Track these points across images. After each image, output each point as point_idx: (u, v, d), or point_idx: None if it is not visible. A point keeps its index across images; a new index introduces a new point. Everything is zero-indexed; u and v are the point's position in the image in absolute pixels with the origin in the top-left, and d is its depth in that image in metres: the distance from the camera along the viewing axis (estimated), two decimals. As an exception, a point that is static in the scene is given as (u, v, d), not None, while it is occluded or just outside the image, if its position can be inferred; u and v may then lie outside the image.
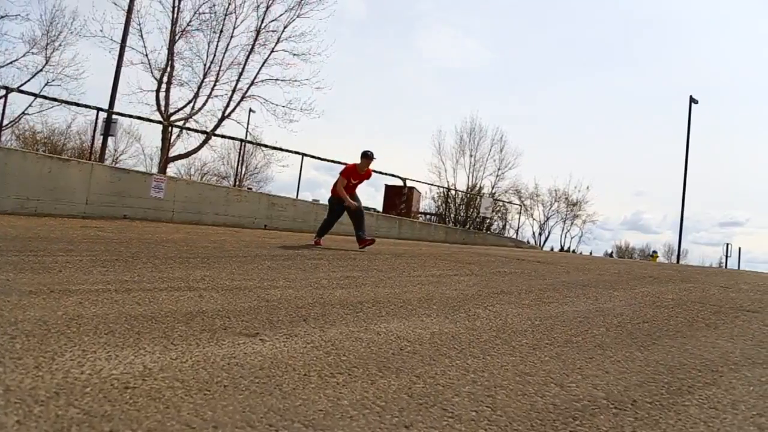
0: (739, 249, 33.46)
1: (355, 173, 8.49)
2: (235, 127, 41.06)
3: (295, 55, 20.44)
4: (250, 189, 26.81)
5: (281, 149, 17.17)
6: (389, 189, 20.90)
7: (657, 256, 45.38)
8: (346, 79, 79.19)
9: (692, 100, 28.46)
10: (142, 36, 18.37)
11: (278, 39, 20.24)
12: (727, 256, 32.70)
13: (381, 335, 2.63)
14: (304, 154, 15.03)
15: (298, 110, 20.44)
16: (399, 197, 19.59)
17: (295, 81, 20.50)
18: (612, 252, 58.65)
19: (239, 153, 25.59)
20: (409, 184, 19.66)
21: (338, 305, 3.32)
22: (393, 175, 18.43)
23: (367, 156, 8.45)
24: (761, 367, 2.54)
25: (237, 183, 27.83)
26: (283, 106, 20.39)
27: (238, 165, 30.42)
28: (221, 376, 1.81)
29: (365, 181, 8.83)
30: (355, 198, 8.65)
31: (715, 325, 3.62)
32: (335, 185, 8.52)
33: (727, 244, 30.34)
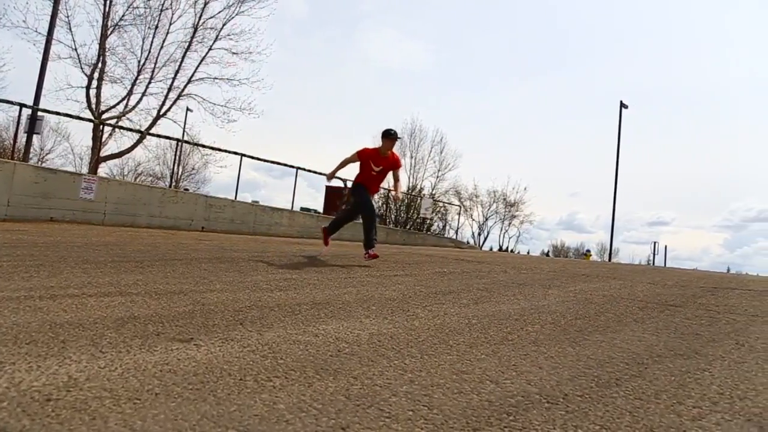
0: (665, 247, 35.20)
1: (377, 157, 6.69)
2: (172, 127, 40.03)
3: (234, 53, 20.16)
4: (187, 190, 26.15)
5: (219, 149, 16.85)
6: (330, 190, 20.80)
7: (590, 255, 47.01)
8: (287, 78, 78.36)
9: (622, 105, 29.75)
10: (70, 29, 17.66)
11: (217, 36, 19.90)
12: (654, 254, 34.31)
13: (319, 337, 2.61)
14: (243, 155, 14.77)
15: (237, 110, 20.17)
16: (340, 198, 19.52)
17: (234, 80, 20.22)
18: (548, 251, 60.47)
19: (175, 153, 24.87)
20: (350, 185, 19.62)
21: (276, 308, 3.28)
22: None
23: (390, 135, 6.66)
24: (682, 359, 2.67)
25: (173, 184, 27.08)
26: (222, 106, 20.06)
27: (174, 165, 29.60)
28: (152, 384, 1.75)
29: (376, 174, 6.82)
30: (367, 195, 6.87)
31: (642, 319, 3.78)
32: (342, 159, 6.87)
33: (655, 243, 31.91)
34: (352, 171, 7.99)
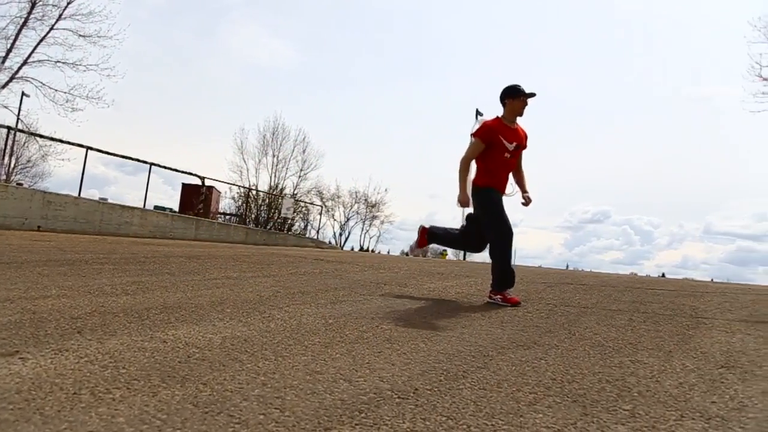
0: (515, 246, 37.84)
1: (506, 130, 4.63)
2: (3, 113, 35.80)
3: (81, 35, 18.45)
4: (21, 184, 23.54)
5: (61, 141, 15.32)
6: (186, 188, 19.92)
7: (446, 255, 49.33)
8: (144, 68, 73.51)
9: (477, 113, 31.54)
10: None
11: (60, 15, 18.08)
12: (503, 252, 36.68)
13: (168, 343, 2.48)
14: (89, 148, 13.60)
15: (83, 98, 18.47)
16: (197, 196, 18.73)
17: (81, 65, 18.50)
18: (407, 251, 62.55)
19: (6, 143, 22.29)
20: (208, 183, 18.91)
21: (121, 313, 3.06)
22: (191, 174, 17.59)
23: (520, 93, 4.59)
24: (522, 349, 2.88)
25: (5, 178, 24.31)
26: (65, 93, 18.30)
27: (4, 157, 26.51)
28: (-35, 404, 1.55)
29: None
30: (503, 208, 4.72)
31: (489, 314, 4.02)
32: (464, 154, 4.71)
33: (504, 242, 34.12)
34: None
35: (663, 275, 38.52)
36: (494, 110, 4.74)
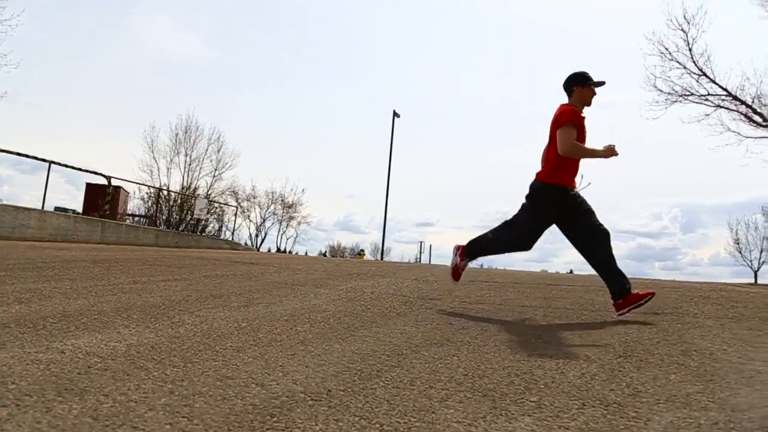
0: (431, 246, 38.57)
1: (583, 122, 4.31)
2: None
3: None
4: None
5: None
6: (91, 188, 18.81)
7: (364, 254, 49.65)
8: (44, 58, 68.73)
9: (395, 114, 31.92)
10: None
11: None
12: (421, 252, 37.42)
13: (66, 354, 2.33)
14: (-24, 146, 12.58)
15: (-34, 88, 16.98)
16: (103, 197, 17.75)
17: (-39, 51, 17.01)
18: (325, 252, 62.40)
19: None
20: (115, 182, 17.97)
21: (13, 323, 2.85)
22: (96, 173, 16.65)
23: (588, 80, 4.30)
24: (436, 347, 2.94)
25: None
26: (-56, 83, 16.79)
27: None
28: None
29: None
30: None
31: (404, 313, 4.07)
32: (562, 142, 4.15)
33: (421, 242, 34.82)
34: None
35: (571, 272, 40.62)
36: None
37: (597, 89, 4.31)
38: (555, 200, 4.23)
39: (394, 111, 31.72)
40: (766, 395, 2.16)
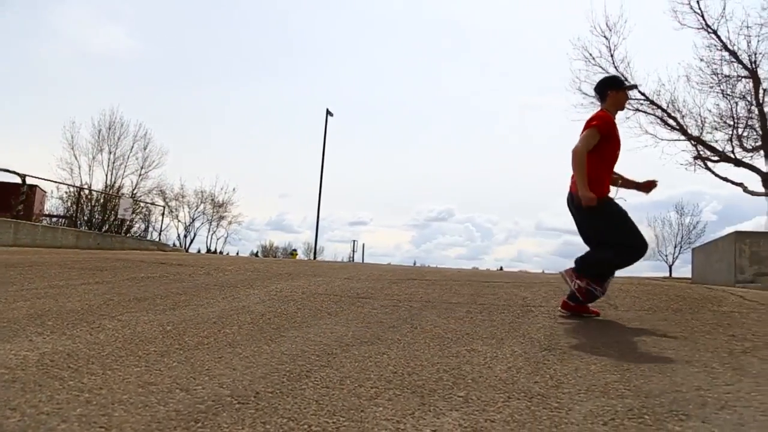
0: (363, 245, 38.78)
1: (615, 129, 4.13)
2: None
3: None
4: None
5: None
6: (3, 187, 17.71)
7: (296, 254, 49.12)
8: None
9: (328, 113, 31.75)
10: None
11: None
12: (354, 251, 37.51)
13: (-30, 364, 2.18)
14: None
15: None
16: (16, 197, 16.74)
17: None
18: (257, 252, 61.33)
19: None
20: (30, 181, 17.01)
21: None
22: (8, 171, 15.70)
23: (622, 84, 4.32)
24: (366, 345, 2.95)
25: None
26: None
27: None
28: None
29: None
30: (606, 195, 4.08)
31: (335, 312, 4.06)
32: (578, 143, 4.00)
33: (354, 241, 34.89)
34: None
35: (501, 269, 41.74)
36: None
37: (629, 93, 4.19)
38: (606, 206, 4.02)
39: (327, 110, 31.54)
40: (676, 381, 2.29)
